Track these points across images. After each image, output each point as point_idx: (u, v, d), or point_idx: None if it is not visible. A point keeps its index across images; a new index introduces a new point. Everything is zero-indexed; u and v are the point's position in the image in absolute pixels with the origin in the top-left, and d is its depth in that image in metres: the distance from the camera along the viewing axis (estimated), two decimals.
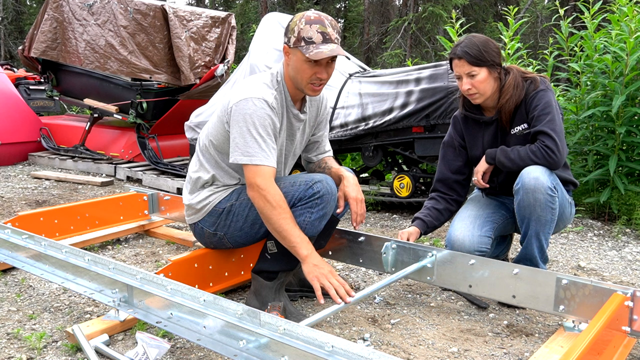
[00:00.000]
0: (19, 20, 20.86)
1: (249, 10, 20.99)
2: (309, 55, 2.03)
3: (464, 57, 2.33)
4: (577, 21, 4.23)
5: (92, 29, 5.67)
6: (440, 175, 2.62)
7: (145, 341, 1.91)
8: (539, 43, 15.82)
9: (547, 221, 2.28)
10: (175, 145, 6.05)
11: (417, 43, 14.69)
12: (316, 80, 2.11)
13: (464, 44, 2.37)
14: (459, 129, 2.60)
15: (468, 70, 2.34)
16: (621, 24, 3.66)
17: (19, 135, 6.22)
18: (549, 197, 2.24)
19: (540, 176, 2.24)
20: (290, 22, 2.12)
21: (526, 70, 2.47)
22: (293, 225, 2.05)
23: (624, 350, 1.84)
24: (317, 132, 2.45)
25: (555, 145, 2.26)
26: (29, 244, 2.48)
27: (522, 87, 2.39)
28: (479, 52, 2.33)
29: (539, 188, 2.23)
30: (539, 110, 2.33)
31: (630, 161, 3.71)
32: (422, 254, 2.37)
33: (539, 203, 2.25)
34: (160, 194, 3.47)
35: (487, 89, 2.38)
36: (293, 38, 2.07)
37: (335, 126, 4.07)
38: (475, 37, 2.40)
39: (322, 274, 2.00)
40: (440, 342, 2.08)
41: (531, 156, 2.29)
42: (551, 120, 2.30)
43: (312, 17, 2.07)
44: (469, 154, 2.59)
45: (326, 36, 2.05)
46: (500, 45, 4.54)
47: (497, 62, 2.37)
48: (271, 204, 2.02)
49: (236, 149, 2.07)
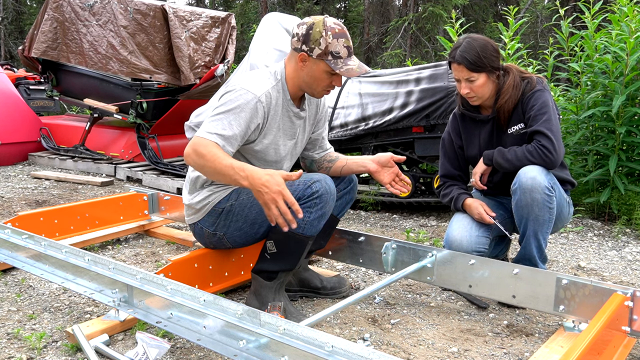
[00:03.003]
0: (19, 20, 20.85)
1: (249, 10, 20.98)
2: (340, 72, 2.10)
3: (463, 62, 2.33)
4: (578, 21, 4.23)
5: (95, 30, 5.67)
6: (444, 171, 2.65)
7: (145, 341, 1.91)
8: (539, 43, 15.82)
9: (544, 221, 2.29)
10: (175, 145, 6.04)
11: (417, 43, 14.68)
12: (331, 87, 2.21)
13: (463, 48, 2.34)
14: (456, 126, 2.61)
15: (467, 75, 2.35)
16: (621, 24, 3.66)
17: (18, 135, 6.21)
18: (547, 196, 2.24)
19: (538, 176, 2.24)
20: (311, 31, 2.09)
21: (524, 70, 2.48)
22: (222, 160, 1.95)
23: (624, 350, 1.84)
24: (317, 129, 2.46)
25: (552, 145, 2.27)
26: (29, 244, 2.48)
27: (520, 87, 2.40)
28: (477, 57, 2.32)
29: (536, 188, 2.23)
30: (535, 110, 2.34)
31: (631, 161, 3.71)
32: (422, 254, 2.37)
33: (536, 203, 2.25)
34: (160, 194, 3.47)
35: (486, 92, 2.40)
36: (318, 50, 2.09)
37: (335, 126, 4.07)
38: (474, 39, 2.37)
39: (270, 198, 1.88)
40: (440, 342, 2.08)
41: (528, 156, 2.30)
42: (547, 120, 2.30)
43: (337, 30, 2.10)
44: (466, 154, 2.60)
45: (350, 50, 2.13)
46: (500, 45, 4.57)
47: (496, 66, 2.37)
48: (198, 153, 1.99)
49: (202, 126, 2.06)
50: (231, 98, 2.08)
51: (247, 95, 2.09)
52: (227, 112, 2.06)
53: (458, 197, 2.52)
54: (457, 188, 2.57)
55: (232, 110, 2.06)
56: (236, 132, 2.05)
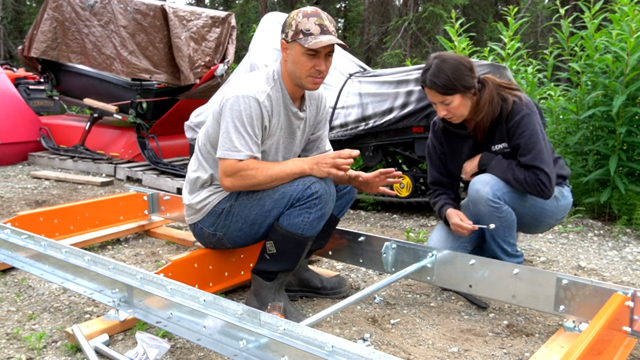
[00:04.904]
0: (19, 20, 20.85)
1: (249, 10, 20.97)
2: (308, 46, 2.05)
3: (433, 88, 2.29)
4: (578, 21, 4.23)
5: (97, 30, 5.67)
6: (433, 178, 2.65)
7: (145, 341, 1.91)
8: (539, 43, 15.81)
9: (497, 228, 2.35)
10: (175, 145, 6.04)
11: (417, 43, 14.68)
12: (315, 72, 2.13)
13: (432, 72, 2.29)
14: (439, 136, 2.58)
15: (441, 99, 2.31)
16: (622, 24, 3.66)
17: (18, 135, 6.21)
18: (492, 208, 2.30)
19: (481, 188, 2.31)
20: (287, 19, 2.16)
21: (501, 82, 2.42)
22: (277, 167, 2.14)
23: (624, 350, 1.83)
24: (317, 131, 2.45)
25: (549, 180, 2.31)
26: (29, 244, 2.47)
27: (497, 102, 2.35)
28: (448, 80, 2.26)
29: (479, 200, 2.32)
30: (526, 139, 2.32)
31: (631, 161, 3.71)
32: (422, 254, 2.37)
33: (482, 214, 2.34)
34: (160, 194, 3.47)
35: (464, 112, 2.36)
36: (291, 32, 2.11)
37: (335, 126, 4.07)
38: (443, 61, 2.29)
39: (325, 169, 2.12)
40: (440, 342, 2.08)
41: (524, 185, 2.33)
42: (539, 151, 2.31)
43: (309, 11, 2.11)
44: (448, 165, 2.59)
45: (324, 28, 2.09)
46: (500, 45, 4.57)
47: (469, 85, 2.30)
48: (253, 176, 2.11)
49: (224, 145, 2.12)
50: (238, 108, 2.09)
51: (251, 101, 2.10)
52: (241, 124, 2.09)
53: (442, 207, 2.54)
54: (444, 198, 2.57)
55: (244, 120, 2.09)
56: (256, 140, 2.13)
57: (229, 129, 2.10)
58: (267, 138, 2.20)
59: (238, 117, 2.09)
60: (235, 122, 2.09)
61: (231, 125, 2.09)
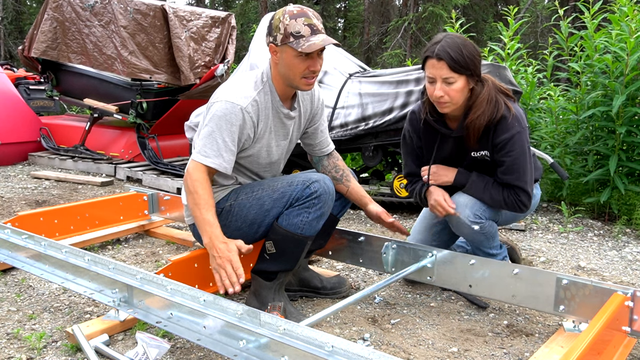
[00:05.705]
0: (19, 20, 20.86)
1: (249, 10, 20.98)
2: (302, 49, 2.01)
3: (445, 59, 2.09)
4: (577, 21, 4.23)
5: (98, 30, 5.67)
6: (409, 169, 2.56)
7: (145, 341, 1.91)
8: (539, 43, 15.81)
9: (481, 241, 2.39)
10: (175, 145, 6.04)
11: (417, 43, 14.68)
12: (309, 73, 2.10)
13: (446, 43, 2.10)
14: (417, 130, 2.43)
15: (446, 75, 2.11)
16: (621, 24, 3.66)
17: (18, 135, 6.21)
18: (475, 230, 2.33)
19: (461, 212, 2.32)
20: (272, 21, 2.10)
21: (501, 85, 2.28)
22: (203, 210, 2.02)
23: (624, 350, 1.84)
24: (313, 124, 2.42)
25: (529, 200, 2.30)
26: (29, 244, 2.48)
27: (494, 103, 2.19)
28: (462, 57, 2.09)
29: (461, 224, 2.34)
30: (513, 159, 2.22)
31: (631, 161, 3.71)
32: (422, 254, 2.37)
33: (464, 234, 2.39)
34: (160, 194, 3.47)
35: (460, 99, 2.17)
36: (280, 35, 2.05)
37: (335, 126, 4.07)
38: (457, 37, 2.14)
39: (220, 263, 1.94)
40: (440, 342, 2.08)
41: (502, 205, 2.33)
42: (525, 172, 2.25)
43: (295, 11, 2.05)
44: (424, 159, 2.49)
45: (313, 28, 2.04)
46: (500, 45, 4.57)
47: (477, 72, 2.16)
48: (189, 189, 2.06)
49: (196, 146, 2.11)
50: (219, 114, 2.07)
51: (234, 108, 2.07)
52: (218, 130, 2.06)
53: (422, 186, 2.45)
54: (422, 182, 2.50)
55: (223, 126, 2.06)
56: (231, 148, 2.09)
57: (205, 132, 2.09)
58: (255, 142, 2.19)
59: (217, 123, 2.07)
60: (214, 127, 2.07)
61: (208, 129, 2.08)
